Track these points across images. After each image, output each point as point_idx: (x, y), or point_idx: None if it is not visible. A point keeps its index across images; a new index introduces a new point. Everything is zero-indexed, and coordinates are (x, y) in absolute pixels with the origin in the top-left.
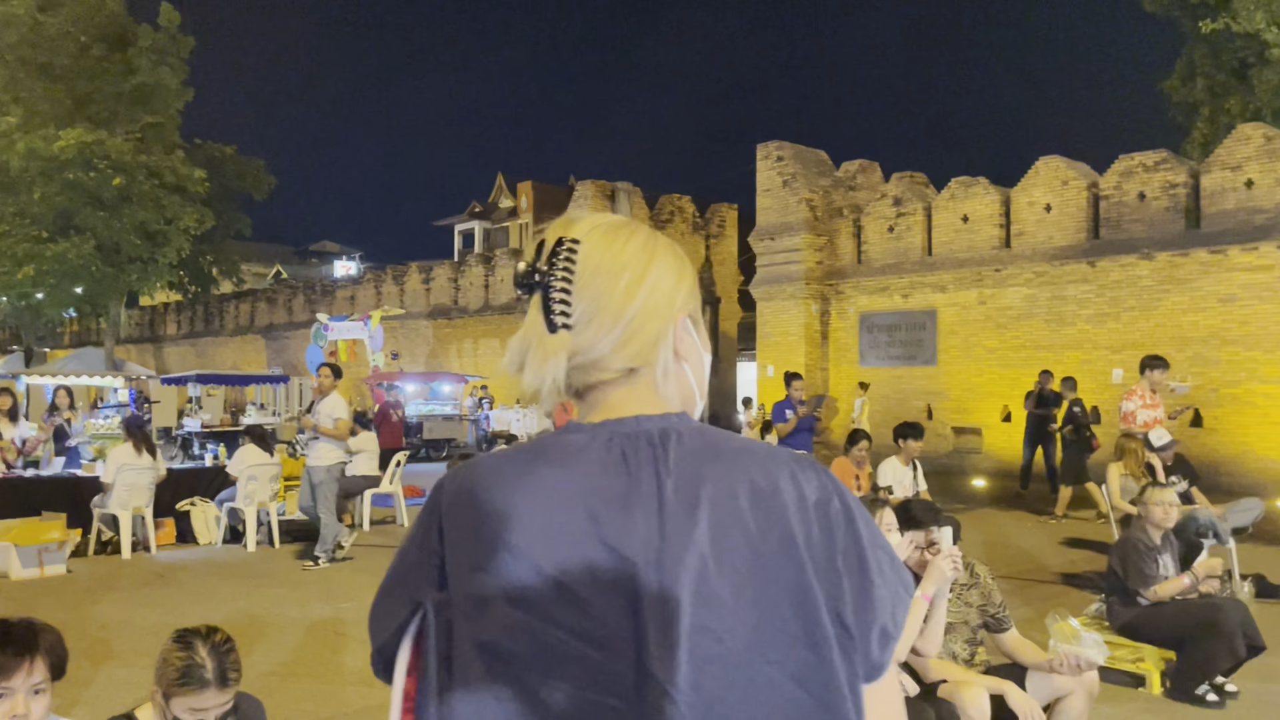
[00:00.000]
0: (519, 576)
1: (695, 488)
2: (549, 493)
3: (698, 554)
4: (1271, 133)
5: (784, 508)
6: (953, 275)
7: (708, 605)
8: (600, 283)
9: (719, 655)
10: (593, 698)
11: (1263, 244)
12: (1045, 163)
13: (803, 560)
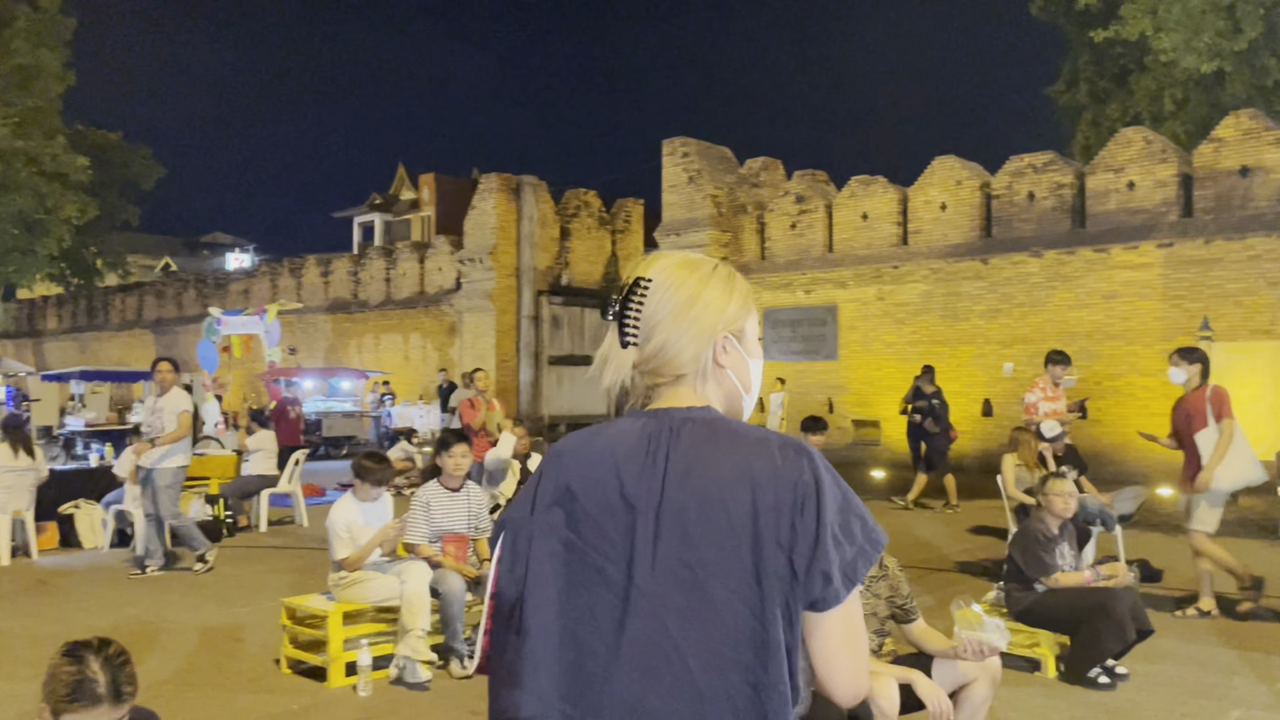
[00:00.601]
0: (572, 511)
1: (691, 462)
2: (597, 459)
3: (682, 507)
4: (1151, 137)
5: (758, 480)
6: (853, 272)
7: (683, 542)
8: (658, 314)
9: (684, 576)
10: (599, 590)
11: (1143, 243)
12: (941, 162)
13: (763, 520)
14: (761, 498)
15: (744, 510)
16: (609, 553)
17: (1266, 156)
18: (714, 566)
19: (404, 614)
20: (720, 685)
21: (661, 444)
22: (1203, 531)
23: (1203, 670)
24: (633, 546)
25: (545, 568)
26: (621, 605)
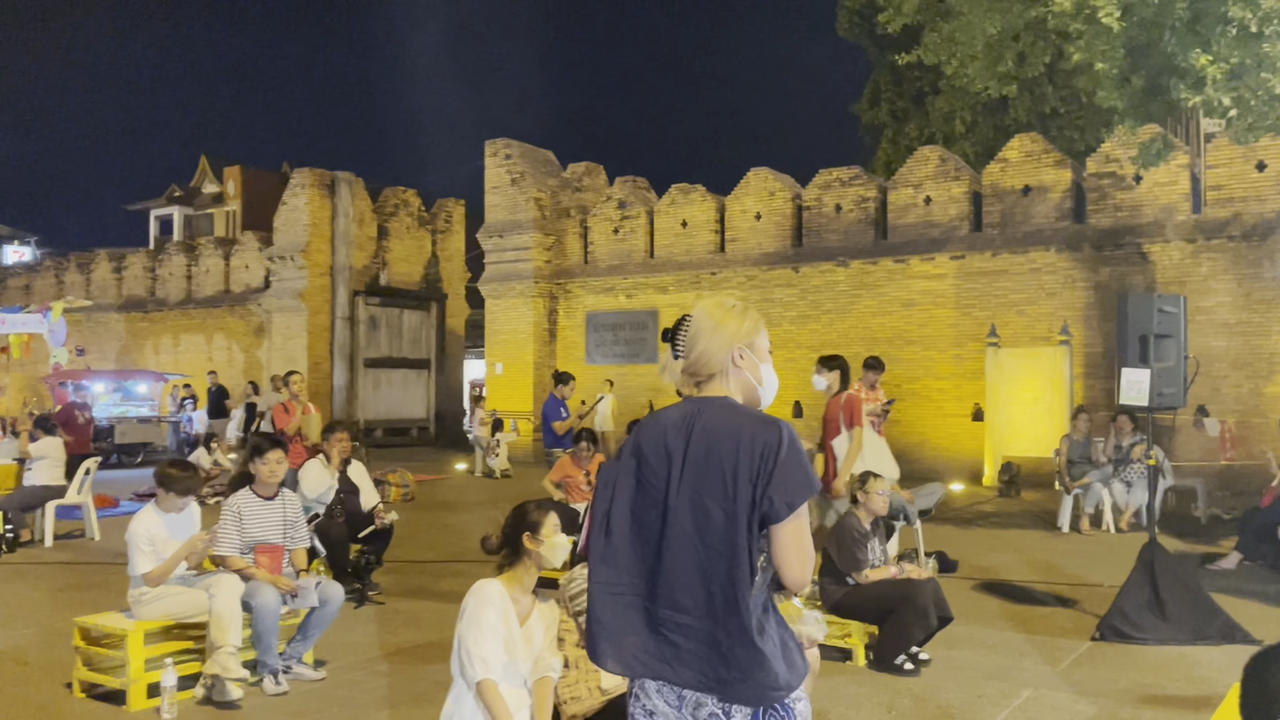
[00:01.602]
0: (640, 460)
1: (705, 429)
2: (656, 428)
3: (695, 457)
4: (946, 155)
5: (738, 441)
6: (673, 277)
7: (695, 477)
8: (697, 335)
9: (694, 499)
10: (651, 508)
11: (938, 255)
12: (755, 174)
13: (740, 465)
14: (742, 451)
15: (730, 459)
16: (657, 485)
17: (1046, 177)
18: (710, 493)
19: (212, 630)
20: (712, 563)
21: (691, 418)
22: None
23: (996, 654)
24: (668, 480)
25: (624, 494)
26: (661, 517)
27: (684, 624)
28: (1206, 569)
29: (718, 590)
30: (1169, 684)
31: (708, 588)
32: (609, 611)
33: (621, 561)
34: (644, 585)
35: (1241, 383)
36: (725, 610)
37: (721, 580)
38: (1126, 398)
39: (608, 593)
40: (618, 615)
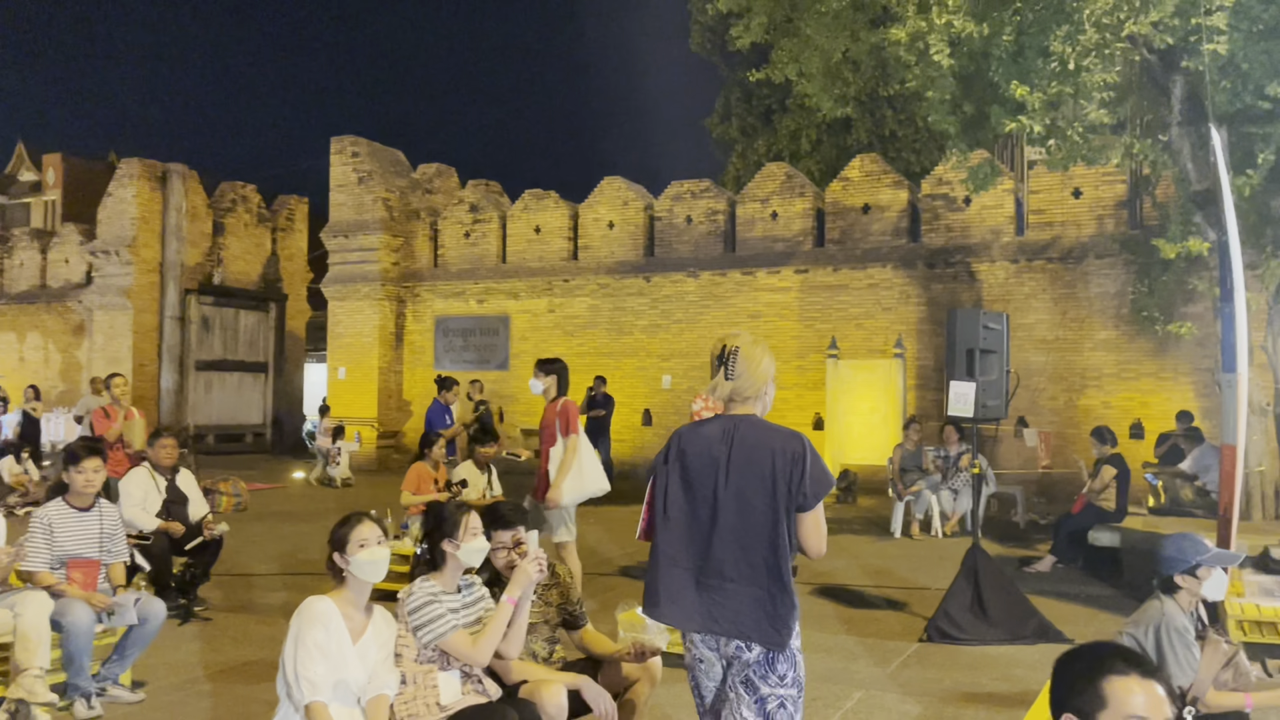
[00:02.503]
0: (685, 463)
1: (744, 439)
2: (700, 437)
3: (738, 462)
4: (792, 172)
5: (773, 450)
6: (525, 283)
7: (739, 478)
8: (743, 365)
9: (740, 495)
10: (701, 502)
11: (783, 268)
12: (609, 183)
13: (776, 470)
14: (777, 458)
15: (767, 463)
16: (705, 483)
17: (884, 196)
18: (753, 490)
19: (17, 651)
20: (754, 541)
21: (731, 431)
22: (567, 542)
23: (831, 656)
24: (716, 480)
25: (676, 490)
26: (712, 509)
27: (729, 589)
28: (1024, 572)
29: (760, 562)
30: (989, 682)
31: (749, 560)
32: (670, 580)
33: (678, 546)
34: (696, 561)
35: (1057, 395)
36: (769, 576)
37: (765, 553)
38: (954, 409)
39: (671, 566)
40: (674, 582)
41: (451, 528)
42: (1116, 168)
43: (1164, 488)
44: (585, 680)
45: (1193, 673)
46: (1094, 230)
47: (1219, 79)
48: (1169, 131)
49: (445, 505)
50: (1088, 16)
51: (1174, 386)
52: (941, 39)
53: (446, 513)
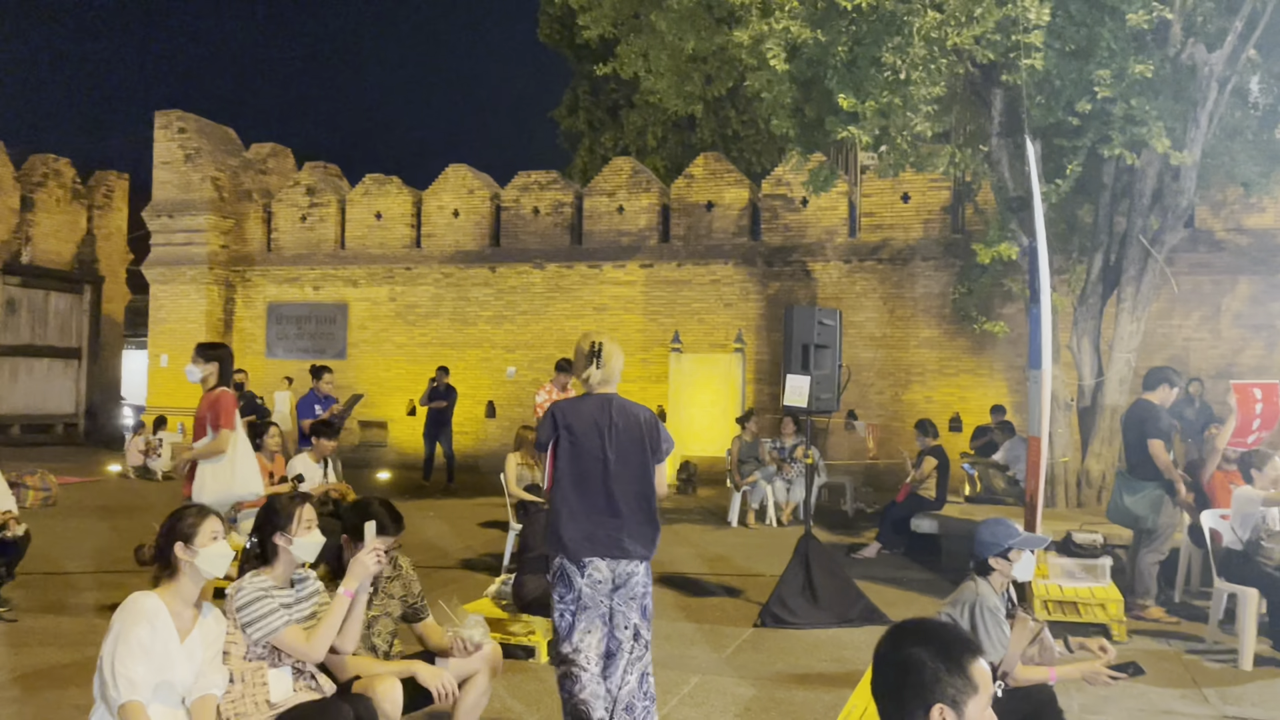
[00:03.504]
0: (572, 432)
1: (621, 411)
2: (582, 412)
3: (619, 427)
4: (638, 168)
5: (640, 418)
6: (365, 270)
7: (621, 439)
8: (607, 356)
9: (621, 452)
10: (593, 461)
11: (629, 262)
12: (454, 170)
13: (645, 432)
14: (644, 424)
15: (638, 428)
16: (594, 445)
17: (727, 195)
18: (631, 448)
19: None
20: (638, 486)
21: (606, 405)
22: None
23: (669, 643)
24: (602, 442)
25: (567, 454)
26: (603, 465)
27: (623, 524)
28: (852, 558)
29: (643, 503)
30: (819, 664)
31: (635, 501)
32: (577, 525)
33: (574, 500)
34: (596, 505)
35: (885, 390)
36: (646, 513)
37: (645, 494)
38: (789, 401)
39: (577, 511)
40: (583, 523)
41: (284, 520)
42: (942, 175)
43: (979, 477)
44: (419, 664)
45: (1003, 649)
46: (920, 234)
47: (1035, 94)
48: (989, 142)
49: (279, 497)
50: (917, 30)
51: (990, 382)
52: (780, 44)
53: (279, 505)
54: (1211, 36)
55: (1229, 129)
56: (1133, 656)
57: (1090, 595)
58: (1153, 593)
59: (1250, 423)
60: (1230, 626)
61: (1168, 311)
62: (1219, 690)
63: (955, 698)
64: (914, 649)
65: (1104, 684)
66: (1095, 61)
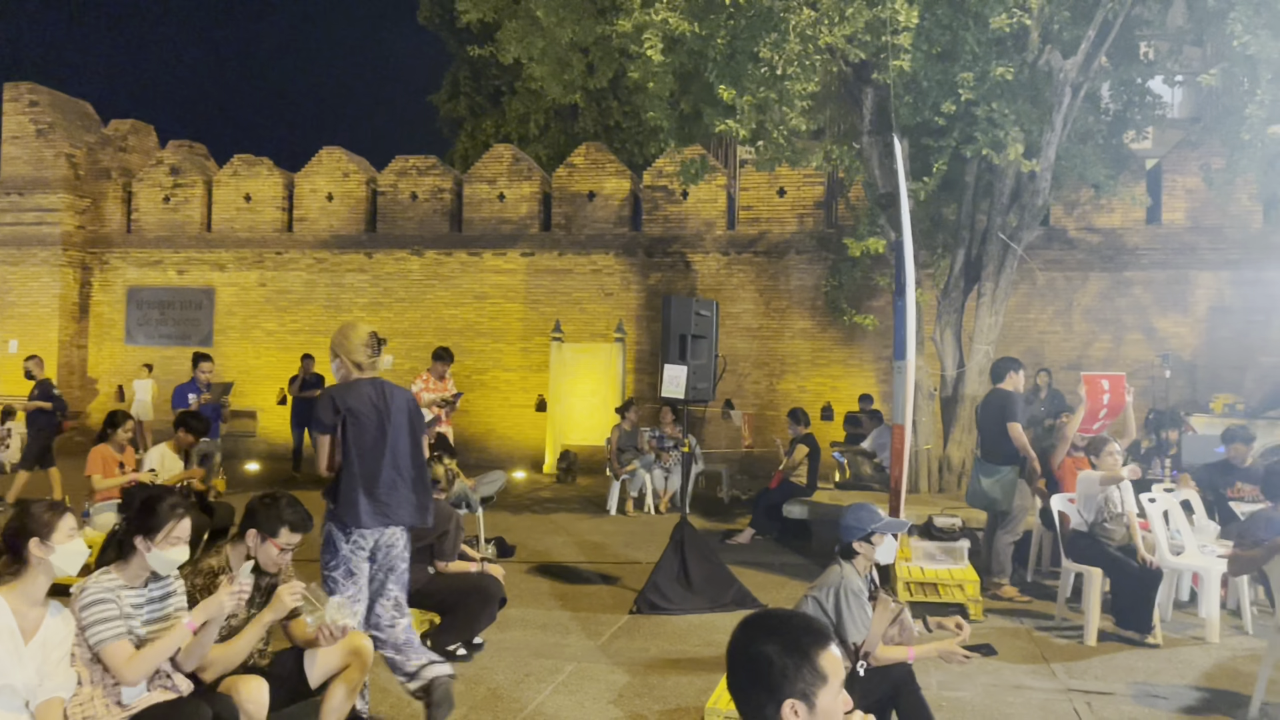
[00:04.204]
0: (353, 413)
1: (393, 394)
2: (361, 396)
3: (393, 409)
4: (519, 155)
5: (406, 400)
6: (233, 254)
7: (396, 418)
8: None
9: (397, 430)
10: (373, 435)
11: (510, 250)
12: (328, 153)
13: (411, 412)
14: (409, 405)
15: (405, 409)
16: (373, 425)
17: (608, 185)
18: (404, 427)
19: None
20: (410, 460)
21: (381, 388)
22: None
23: (545, 632)
24: (381, 422)
25: (351, 432)
26: (381, 443)
27: (400, 494)
28: (726, 544)
29: (417, 474)
30: (692, 649)
31: (410, 474)
32: (366, 496)
33: (357, 473)
34: (380, 477)
35: (761, 380)
36: (421, 483)
37: (419, 467)
38: (667, 390)
39: (363, 485)
40: (369, 495)
41: (153, 525)
42: (816, 170)
43: (848, 464)
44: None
45: (866, 630)
46: (796, 228)
47: (903, 94)
48: (861, 139)
49: (163, 500)
50: (793, 27)
51: (860, 373)
52: (659, 35)
53: (159, 509)
54: (1066, 44)
55: (1081, 133)
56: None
57: (950, 576)
58: (1008, 572)
59: (1097, 412)
60: (1077, 604)
61: (1025, 306)
62: (1065, 665)
63: (805, 691)
64: (762, 646)
65: (959, 662)
66: (960, 64)
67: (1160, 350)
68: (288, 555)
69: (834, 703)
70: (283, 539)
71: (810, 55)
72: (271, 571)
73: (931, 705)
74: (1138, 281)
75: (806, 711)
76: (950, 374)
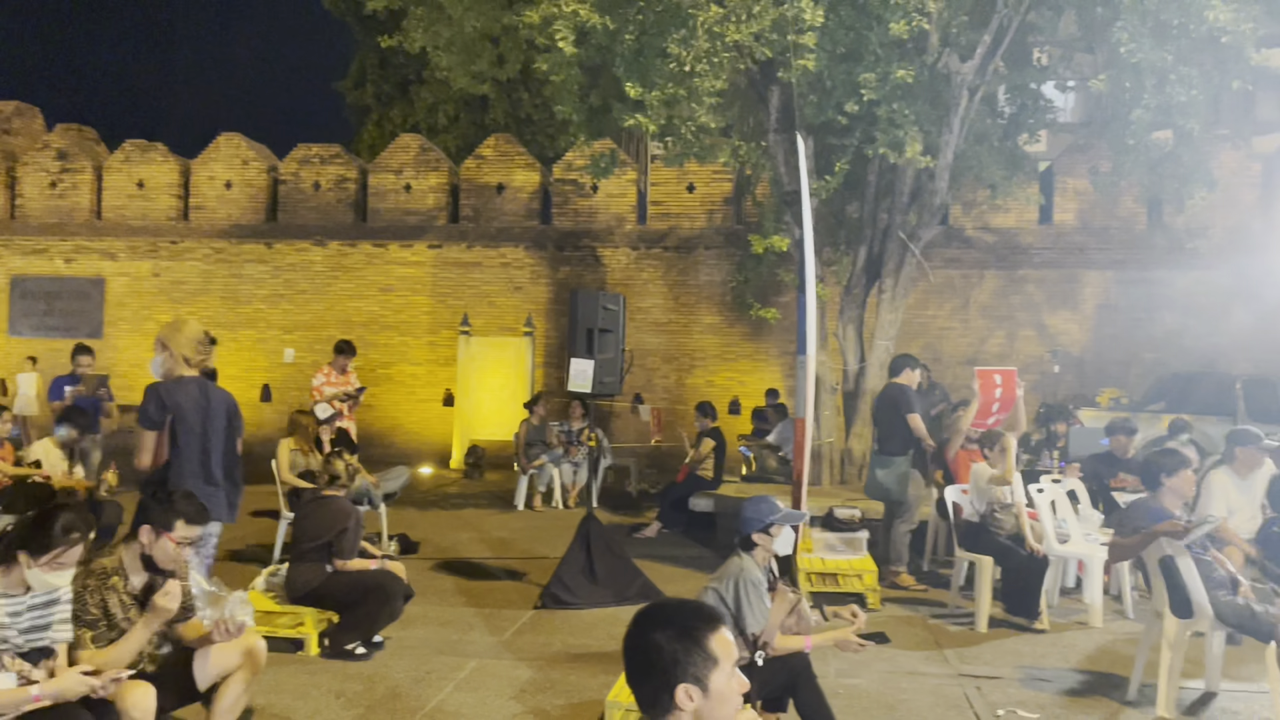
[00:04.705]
0: (179, 409)
1: (213, 393)
2: (186, 393)
3: (212, 405)
4: (427, 145)
5: (225, 399)
6: (125, 243)
7: (216, 416)
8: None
9: (216, 429)
10: (195, 432)
11: (416, 242)
12: (227, 139)
13: (230, 412)
14: (228, 404)
15: (223, 407)
16: (197, 422)
17: (517, 177)
18: (221, 425)
19: None
20: (226, 457)
21: (203, 386)
22: None
23: (447, 629)
24: (204, 420)
25: (180, 426)
26: (204, 440)
27: (220, 488)
28: (633, 537)
29: (231, 469)
30: (596, 643)
31: (225, 469)
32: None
33: (185, 466)
34: (202, 474)
35: (670, 374)
36: (233, 481)
37: (235, 463)
38: (574, 385)
39: (188, 480)
40: (195, 490)
41: (42, 545)
42: (725, 166)
43: (754, 458)
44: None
45: (764, 620)
46: (705, 223)
47: (807, 93)
48: (767, 137)
49: (59, 520)
50: (701, 23)
51: (767, 368)
52: (569, 26)
53: (53, 531)
54: (964, 48)
55: (978, 134)
56: (885, 623)
57: (849, 566)
58: (905, 561)
59: (990, 406)
60: (970, 592)
61: (924, 302)
62: (958, 651)
63: (697, 675)
64: (653, 634)
65: (854, 650)
66: (863, 65)
67: (1051, 346)
68: (187, 550)
69: (727, 685)
70: (179, 533)
71: (718, 52)
72: (169, 569)
73: (829, 693)
74: (1031, 280)
75: (700, 695)
76: (852, 369)
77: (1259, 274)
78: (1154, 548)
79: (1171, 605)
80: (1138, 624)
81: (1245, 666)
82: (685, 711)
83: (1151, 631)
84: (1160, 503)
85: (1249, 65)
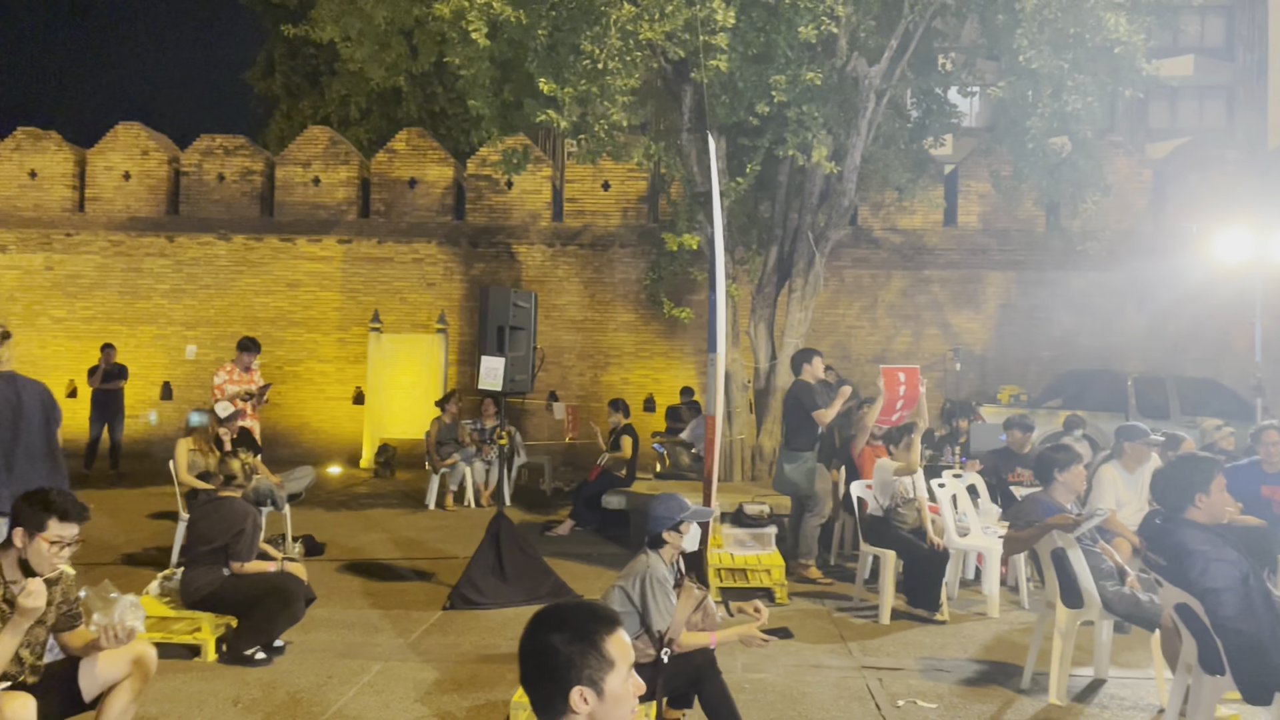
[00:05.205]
0: None
1: (26, 387)
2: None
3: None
4: (337, 138)
5: (39, 392)
6: (16, 235)
7: (29, 414)
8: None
9: (30, 423)
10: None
11: (325, 237)
12: (126, 129)
13: (45, 405)
14: (42, 397)
15: (38, 401)
16: (8, 416)
17: (431, 172)
18: (37, 418)
19: None
20: (46, 443)
21: (13, 381)
22: None
23: (352, 632)
24: (16, 415)
25: None
26: (16, 434)
27: (37, 472)
28: (546, 536)
29: (51, 467)
30: (505, 643)
31: (44, 467)
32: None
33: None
34: (12, 469)
35: (585, 372)
36: (55, 463)
37: (53, 449)
38: (485, 382)
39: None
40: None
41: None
42: (639, 165)
43: (668, 455)
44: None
45: (670, 617)
46: (620, 221)
47: (720, 93)
48: (681, 136)
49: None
50: (614, 21)
51: (681, 365)
52: (482, 19)
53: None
54: (872, 52)
55: (886, 137)
56: (792, 616)
57: (758, 562)
58: (814, 554)
59: (895, 403)
60: (874, 585)
61: (834, 301)
62: (861, 643)
63: (592, 677)
64: (549, 636)
65: (758, 645)
66: (774, 67)
67: (954, 344)
68: (66, 551)
69: (623, 687)
70: (52, 531)
71: (631, 51)
72: (46, 574)
73: (736, 688)
74: (935, 280)
75: (595, 698)
76: (763, 366)
77: (1150, 276)
78: (1046, 540)
79: (1062, 595)
80: (1033, 614)
81: (1132, 654)
82: (580, 714)
83: (1044, 621)
84: (1053, 497)
85: (1141, 75)
